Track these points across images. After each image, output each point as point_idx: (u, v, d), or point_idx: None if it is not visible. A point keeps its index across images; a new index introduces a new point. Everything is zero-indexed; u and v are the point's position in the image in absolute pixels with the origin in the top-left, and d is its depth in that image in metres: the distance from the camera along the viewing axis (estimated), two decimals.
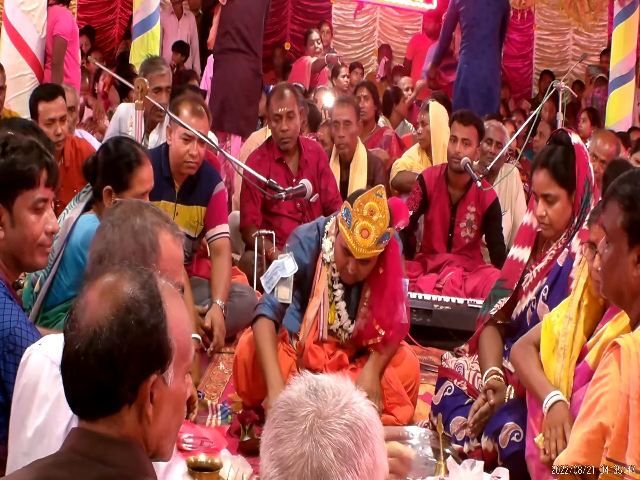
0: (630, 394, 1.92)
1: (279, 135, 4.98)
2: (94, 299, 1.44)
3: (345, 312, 3.39)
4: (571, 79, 10.66)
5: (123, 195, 3.10)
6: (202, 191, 4.26)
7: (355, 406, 1.27)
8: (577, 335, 2.60)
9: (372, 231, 3.18)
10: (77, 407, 1.45)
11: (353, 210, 3.20)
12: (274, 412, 1.29)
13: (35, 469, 1.42)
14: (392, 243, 3.31)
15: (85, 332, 1.41)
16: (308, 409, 1.25)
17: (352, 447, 1.22)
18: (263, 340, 3.26)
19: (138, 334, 1.42)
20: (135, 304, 1.43)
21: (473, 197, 4.97)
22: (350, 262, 3.25)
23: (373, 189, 3.26)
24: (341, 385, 1.30)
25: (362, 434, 1.24)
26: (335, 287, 3.39)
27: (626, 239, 2.10)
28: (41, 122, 4.58)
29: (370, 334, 3.36)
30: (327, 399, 1.26)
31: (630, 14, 6.95)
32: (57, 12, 6.05)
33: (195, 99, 4.47)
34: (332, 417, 1.24)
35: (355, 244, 3.18)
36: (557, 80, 5.97)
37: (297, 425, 1.23)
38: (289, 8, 11.75)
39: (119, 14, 11.05)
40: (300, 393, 1.28)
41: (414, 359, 3.53)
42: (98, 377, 1.40)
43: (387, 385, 3.34)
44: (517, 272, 3.20)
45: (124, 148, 3.20)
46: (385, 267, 3.32)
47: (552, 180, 3.06)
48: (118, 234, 2.08)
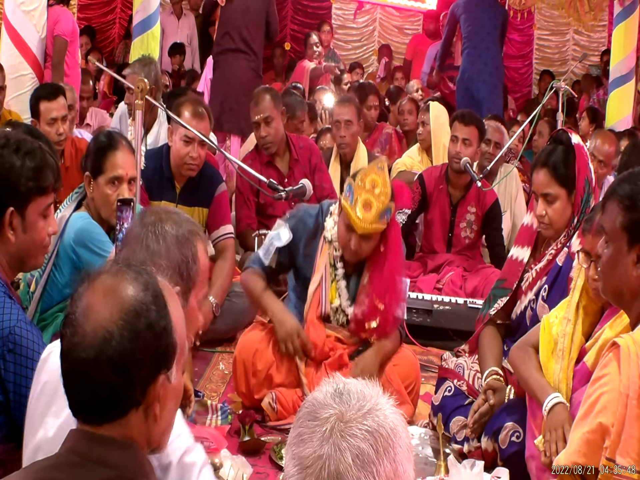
0: (629, 393, 1.92)
1: (260, 142, 5.00)
2: (97, 302, 1.42)
3: (346, 291, 3.41)
4: (571, 79, 10.66)
5: (98, 180, 3.19)
6: (204, 193, 4.25)
7: (380, 413, 1.26)
8: (576, 336, 2.60)
9: (374, 205, 3.21)
10: (82, 413, 1.43)
11: (355, 184, 3.23)
12: (300, 411, 1.29)
13: (33, 472, 1.41)
14: (394, 222, 3.34)
15: (92, 338, 1.38)
16: (331, 411, 1.24)
17: (371, 453, 1.21)
18: (254, 282, 3.43)
19: (149, 338, 1.41)
20: (143, 307, 1.42)
21: (473, 197, 4.97)
22: (353, 238, 3.27)
23: (375, 162, 3.32)
24: (368, 390, 1.29)
25: (384, 442, 1.23)
26: (337, 265, 3.41)
27: (626, 238, 2.09)
28: (43, 121, 4.59)
29: (369, 314, 3.36)
30: (350, 402, 1.26)
31: (630, 14, 6.94)
32: (57, 12, 6.06)
33: (197, 100, 4.47)
34: (353, 421, 1.23)
35: (358, 219, 3.21)
36: (557, 80, 5.98)
37: (318, 427, 1.23)
38: (289, 8, 11.75)
39: (119, 14, 11.04)
40: (326, 395, 1.28)
41: (414, 360, 3.53)
42: (109, 383, 1.38)
43: (388, 384, 3.34)
44: (517, 272, 3.20)
45: (103, 135, 3.30)
46: (387, 245, 3.34)
47: (552, 180, 3.06)
48: (164, 245, 2.07)
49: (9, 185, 2.30)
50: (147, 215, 2.18)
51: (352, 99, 5.97)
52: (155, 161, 4.19)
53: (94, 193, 3.20)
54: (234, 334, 4.20)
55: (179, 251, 2.07)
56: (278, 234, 3.42)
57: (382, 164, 3.30)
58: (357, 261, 3.40)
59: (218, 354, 4.12)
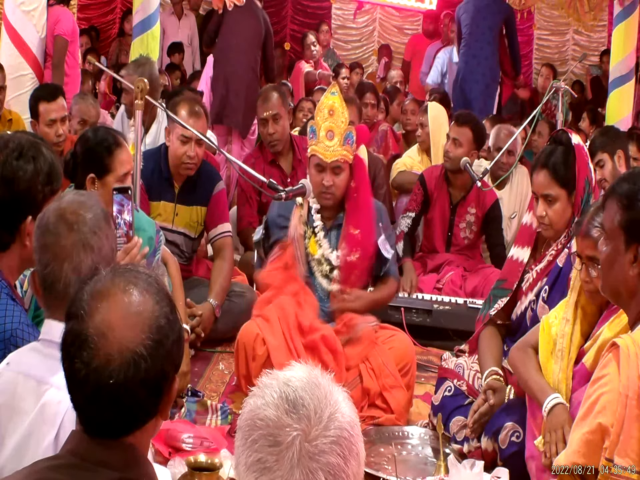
0: (629, 394, 1.92)
1: (267, 139, 5.01)
2: (116, 322, 1.36)
3: (326, 240, 3.58)
4: (571, 79, 10.65)
5: (106, 180, 3.11)
6: (202, 191, 4.26)
7: (338, 413, 1.23)
8: (574, 336, 2.61)
9: (336, 131, 3.47)
10: (100, 432, 1.38)
11: (315, 119, 3.50)
12: (252, 430, 1.21)
13: (33, 472, 1.39)
14: (358, 158, 3.60)
15: (119, 362, 1.33)
16: (293, 433, 1.19)
17: (340, 462, 1.20)
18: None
19: (174, 348, 1.41)
20: (163, 320, 1.39)
21: (474, 198, 4.96)
22: (325, 176, 3.48)
23: (327, 89, 3.57)
24: (318, 390, 1.24)
25: (348, 444, 1.21)
26: (314, 218, 3.59)
27: (623, 237, 2.10)
28: (42, 122, 4.58)
29: (350, 245, 3.52)
30: (309, 416, 1.20)
31: (630, 14, 6.92)
32: (58, 12, 6.05)
33: (193, 99, 4.47)
34: (318, 438, 1.19)
35: (324, 149, 3.47)
36: (557, 80, 5.97)
37: (283, 452, 1.18)
38: (289, 8, 11.74)
39: (118, 14, 11.03)
40: (279, 412, 1.20)
41: (408, 343, 3.60)
42: (140, 402, 1.36)
43: (383, 367, 3.37)
44: (517, 272, 3.20)
45: (100, 134, 3.21)
46: (356, 179, 3.56)
47: (552, 181, 3.06)
48: (100, 234, 1.97)
49: (29, 197, 2.33)
50: (51, 221, 1.95)
51: (354, 99, 5.94)
52: (153, 161, 4.19)
53: (99, 193, 3.14)
54: (234, 334, 4.20)
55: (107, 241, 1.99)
56: (257, 230, 3.73)
57: (335, 88, 3.54)
58: (334, 203, 3.57)
59: (218, 354, 4.13)
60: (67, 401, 1.65)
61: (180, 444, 2.82)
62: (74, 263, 1.91)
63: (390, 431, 3.26)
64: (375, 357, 3.42)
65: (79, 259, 1.91)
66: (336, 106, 3.47)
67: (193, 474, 2.49)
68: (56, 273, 1.90)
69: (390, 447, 3.09)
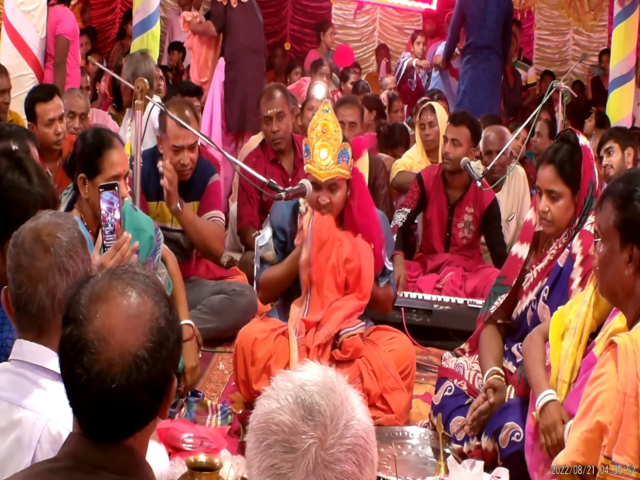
0: (627, 392, 1.93)
1: (271, 137, 5.00)
2: (117, 326, 1.35)
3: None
4: (571, 79, 10.65)
5: (96, 181, 3.04)
6: (198, 186, 4.24)
7: (355, 421, 1.22)
8: (588, 318, 2.60)
9: (329, 148, 3.39)
10: (102, 433, 1.37)
11: (309, 138, 3.42)
12: (266, 434, 1.20)
13: (31, 475, 1.39)
14: (356, 172, 3.52)
15: (121, 366, 1.32)
16: (309, 441, 1.18)
17: (356, 471, 1.19)
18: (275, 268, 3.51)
19: (175, 349, 1.40)
20: (163, 321, 1.39)
21: (472, 198, 4.95)
22: (321, 195, 3.41)
23: (320, 107, 3.47)
24: (334, 396, 1.22)
25: (363, 451, 1.21)
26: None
27: (618, 237, 2.10)
28: (40, 123, 4.57)
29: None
30: (326, 424, 1.19)
31: (630, 14, 6.94)
32: (59, 12, 6.06)
33: (182, 103, 4.27)
34: (334, 446, 1.18)
35: (319, 168, 3.38)
36: (557, 80, 5.97)
37: (299, 459, 1.17)
38: (289, 8, 11.75)
39: (118, 14, 11.03)
40: (294, 418, 1.19)
41: (409, 344, 3.58)
42: (143, 404, 1.35)
43: (384, 368, 3.36)
44: (516, 268, 3.20)
45: (94, 135, 3.17)
46: (354, 197, 3.48)
47: (557, 177, 3.05)
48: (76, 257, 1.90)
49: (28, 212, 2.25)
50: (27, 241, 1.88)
51: (356, 99, 5.92)
52: (149, 163, 4.17)
53: (90, 194, 3.10)
54: (234, 333, 4.19)
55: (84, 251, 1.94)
56: (263, 235, 3.59)
57: (327, 105, 3.45)
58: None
59: (218, 354, 4.13)
60: (42, 422, 1.67)
61: (180, 444, 2.82)
62: (48, 286, 1.84)
63: (390, 431, 3.26)
64: (376, 358, 3.40)
65: (54, 282, 1.84)
66: (329, 124, 3.39)
67: (193, 474, 2.49)
68: (30, 295, 1.83)
69: (390, 447, 3.09)
